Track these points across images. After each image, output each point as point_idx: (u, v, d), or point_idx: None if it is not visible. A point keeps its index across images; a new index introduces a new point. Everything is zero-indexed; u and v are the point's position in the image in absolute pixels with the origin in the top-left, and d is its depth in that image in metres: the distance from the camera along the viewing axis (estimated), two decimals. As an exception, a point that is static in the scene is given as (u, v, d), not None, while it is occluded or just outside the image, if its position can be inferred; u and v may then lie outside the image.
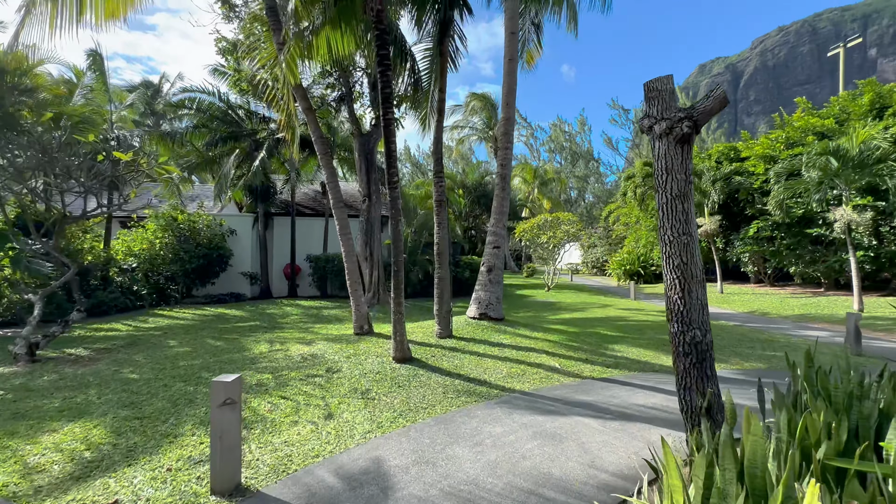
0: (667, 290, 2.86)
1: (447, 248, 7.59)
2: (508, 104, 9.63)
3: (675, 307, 2.79)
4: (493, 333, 7.88)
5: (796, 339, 8.16)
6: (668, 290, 2.83)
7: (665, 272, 2.86)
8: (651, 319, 10.93)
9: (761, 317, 11.82)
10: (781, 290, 16.97)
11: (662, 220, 2.81)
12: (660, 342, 7.76)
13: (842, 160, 10.65)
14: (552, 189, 47.57)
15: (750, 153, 16.23)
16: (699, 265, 2.78)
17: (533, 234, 19.19)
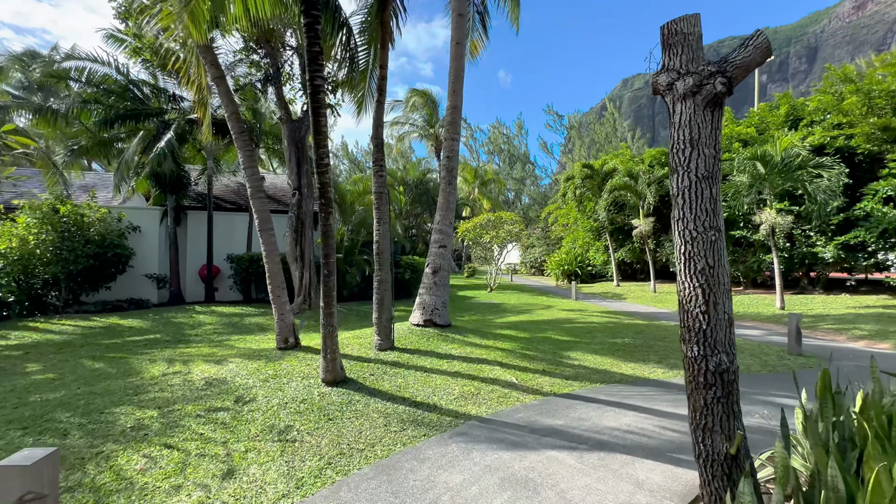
0: (683, 303, 2.20)
1: (388, 247, 6.65)
2: (455, 91, 8.88)
3: (695, 325, 2.12)
4: (440, 343, 7.06)
5: (738, 340, 8.22)
6: (687, 303, 2.16)
7: (681, 279, 2.20)
8: (597, 321, 10.75)
9: (695, 316, 12.16)
10: (706, 288, 17.94)
11: (681, 211, 2.14)
12: (613, 347, 7.40)
13: (767, 166, 11.18)
14: (492, 190, 47.96)
15: (680, 158, 16.96)
16: (727, 269, 2.14)
17: (476, 233, 18.71)
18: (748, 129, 14.48)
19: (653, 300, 15.72)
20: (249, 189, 6.56)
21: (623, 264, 23.91)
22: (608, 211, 18.53)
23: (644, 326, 9.80)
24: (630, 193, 17.53)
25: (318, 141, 4.28)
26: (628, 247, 21.54)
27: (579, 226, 25.25)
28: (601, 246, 23.93)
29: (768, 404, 4.61)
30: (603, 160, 20.75)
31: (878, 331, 8.56)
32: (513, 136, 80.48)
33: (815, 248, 13.28)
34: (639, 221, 17.25)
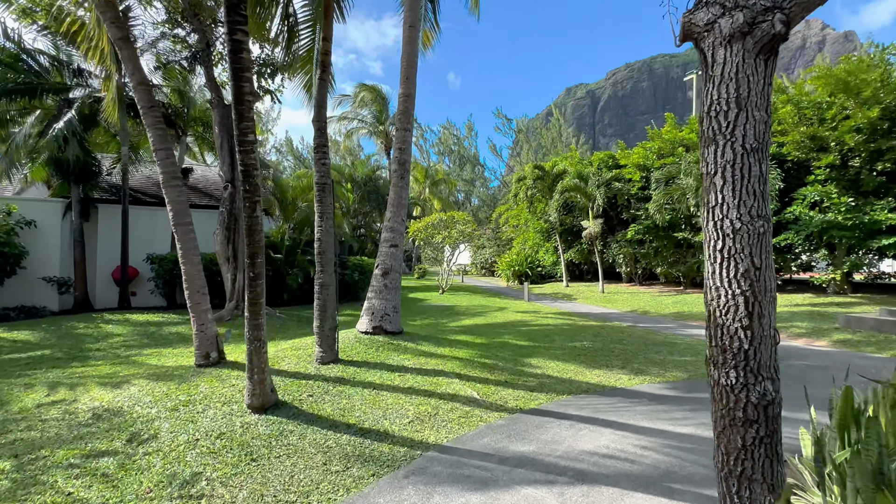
0: (716, 315, 1.71)
1: (332, 246, 5.84)
2: (408, 79, 8.20)
3: (733, 344, 1.64)
4: (391, 353, 6.34)
5: (691, 340, 8.23)
6: (721, 315, 1.67)
7: (714, 284, 1.70)
8: (552, 323, 10.50)
9: (644, 316, 12.33)
10: (650, 288, 18.56)
11: (719, 195, 1.64)
12: (574, 351, 7.07)
13: (711, 169, 11.52)
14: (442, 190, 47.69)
15: (627, 161, 17.41)
16: (773, 271, 1.67)
17: (427, 233, 18.09)
18: (691, 135, 15.08)
19: (602, 300, 15.91)
20: (162, 176, 5.48)
21: (571, 265, 24.32)
22: (558, 212, 18.66)
23: (599, 328, 9.66)
24: (580, 195, 17.73)
25: (239, 112, 3.43)
26: (577, 248, 21.89)
27: (530, 227, 25.40)
28: (551, 247, 24.20)
29: (741, 413, 4.37)
30: (553, 162, 20.93)
31: (814, 329, 8.96)
32: (463, 137, 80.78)
33: (750, 249, 14.00)
34: (588, 223, 17.47)
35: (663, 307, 13.40)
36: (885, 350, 7.19)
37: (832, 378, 4.26)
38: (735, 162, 1.60)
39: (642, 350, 7.22)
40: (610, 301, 15.63)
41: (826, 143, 11.53)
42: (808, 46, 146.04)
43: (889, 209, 10.78)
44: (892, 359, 6.71)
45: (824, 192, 11.57)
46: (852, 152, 11.18)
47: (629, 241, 18.46)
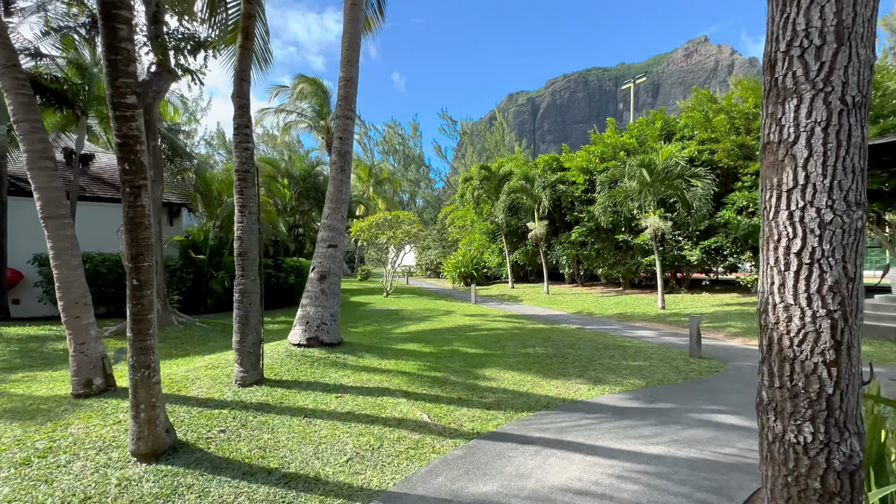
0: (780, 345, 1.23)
1: (256, 246, 4.95)
2: (350, 61, 7.42)
3: (810, 385, 1.16)
4: (327, 369, 5.54)
5: (639, 343, 8.18)
6: (792, 345, 1.20)
7: (783, 300, 1.23)
8: (502, 327, 10.13)
9: (590, 317, 12.39)
10: (591, 289, 19.00)
11: (802, 172, 1.16)
12: (527, 359, 6.67)
13: (652, 173, 11.82)
14: (387, 189, 46.61)
15: (571, 164, 17.68)
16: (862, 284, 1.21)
17: (371, 233, 17.19)
18: (630, 140, 15.55)
19: (547, 302, 15.95)
20: (27, 155, 4.29)
21: (516, 266, 24.47)
22: (505, 213, 18.56)
23: (549, 332, 9.43)
24: (526, 196, 17.73)
25: (113, 64, 2.51)
26: (522, 249, 22.00)
27: (476, 228, 25.26)
28: (496, 248, 24.18)
29: (708, 424, 4.12)
30: (499, 163, 20.87)
31: (747, 328, 9.33)
32: (408, 137, 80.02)
33: (684, 251, 14.65)
34: (534, 224, 17.51)
35: (606, 308, 13.60)
36: (814, 348, 7.52)
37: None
38: (830, 123, 1.13)
39: (595, 355, 6.99)
40: (555, 302, 15.69)
41: (753, 151, 12.25)
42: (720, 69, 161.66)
43: (805, 215, 11.63)
44: (823, 357, 7.02)
45: (751, 197, 12.27)
46: (775, 161, 11.93)
47: (573, 242, 18.79)
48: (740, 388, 5.31)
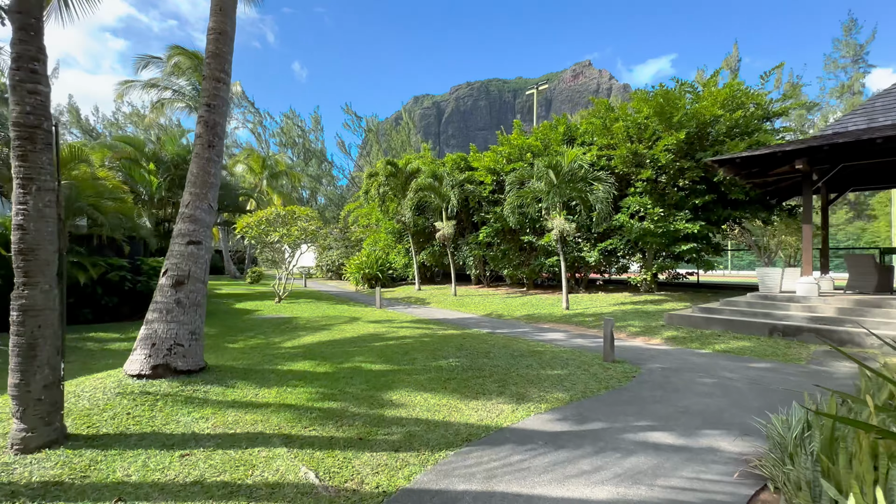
0: None
1: (51, 242, 3.33)
2: (222, 9, 5.93)
3: None
4: (177, 410, 4.06)
5: (553, 348, 7.88)
6: None
7: None
8: (410, 335, 9.22)
9: (499, 319, 12.10)
10: (497, 290, 19.07)
11: None
12: (441, 374, 5.84)
13: (559, 175, 11.91)
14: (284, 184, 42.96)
15: (479, 164, 17.50)
16: None
17: (260, 230, 15.06)
18: (536, 143, 15.80)
19: (456, 304, 15.47)
20: None
21: (423, 267, 23.82)
22: (412, 212, 17.72)
23: (461, 339, 8.76)
24: (434, 195, 17.10)
25: None
26: (429, 249, 21.39)
27: (381, 227, 24.05)
28: (402, 248, 23.26)
29: (646, 447, 3.65)
30: (407, 159, 19.99)
31: (646, 327, 9.69)
32: (309, 130, 75.61)
33: (583, 252, 15.25)
34: (442, 224, 16.95)
35: (514, 309, 13.49)
36: (707, 346, 7.90)
37: (705, 384, 3.74)
38: None
39: (513, 364, 6.42)
40: (463, 304, 15.27)
41: (644, 159, 13.06)
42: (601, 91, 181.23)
43: (686, 220, 12.67)
44: (719, 354, 7.34)
45: (642, 202, 13.05)
46: (663, 169, 12.86)
47: (480, 243, 18.65)
48: (660, 395, 5.08)
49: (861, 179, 11.61)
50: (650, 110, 12.11)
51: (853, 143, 7.51)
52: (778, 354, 7.15)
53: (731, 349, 7.58)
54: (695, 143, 12.71)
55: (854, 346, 7.27)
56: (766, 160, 8.78)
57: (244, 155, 35.40)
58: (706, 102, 11.86)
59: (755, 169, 9.58)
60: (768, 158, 8.68)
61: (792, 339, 7.85)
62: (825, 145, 7.80)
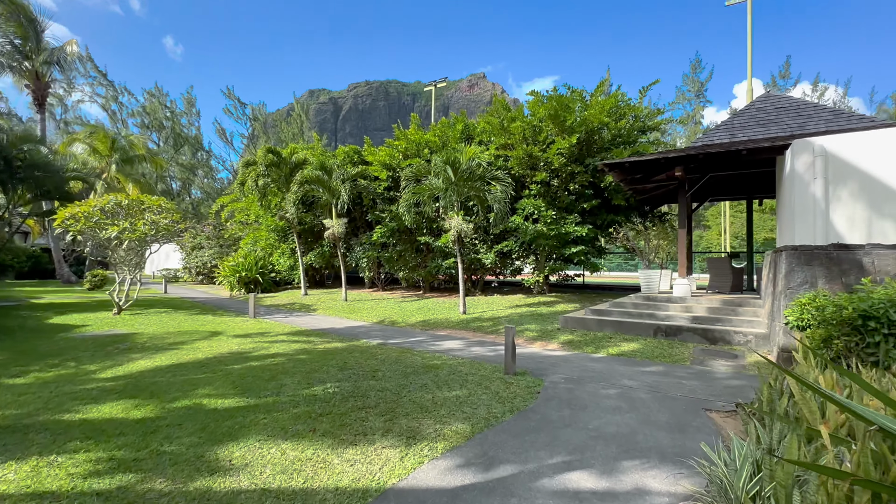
0: None
1: None
2: None
3: None
4: None
5: (451, 361, 7.06)
6: None
7: None
8: (284, 351, 7.66)
9: (392, 327, 11.04)
10: (392, 293, 17.98)
11: None
12: (311, 409, 4.57)
13: (457, 172, 11.29)
14: (145, 172, 36.57)
15: (374, 159, 16.24)
16: None
17: (91, 223, 11.85)
18: (434, 139, 15.11)
19: (346, 310, 14.00)
20: None
21: (312, 269, 21.67)
22: (297, 207, 15.71)
23: (346, 353, 7.49)
24: (323, 189, 15.36)
25: None
26: (318, 250, 19.44)
27: (262, 224, 21.29)
28: (287, 249, 20.85)
29: (566, 497, 2.89)
30: (292, 148, 17.82)
31: (542, 331, 9.46)
32: (180, 112, 66.42)
33: (480, 254, 14.95)
34: (332, 222, 15.30)
35: (409, 314, 12.54)
36: (601, 349, 7.80)
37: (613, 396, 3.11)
38: None
39: (404, 386, 5.40)
40: (354, 311, 13.87)
41: (539, 162, 13.13)
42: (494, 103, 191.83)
43: (576, 223, 13.03)
44: (613, 357, 7.22)
45: (536, 205, 13.10)
46: (556, 172, 13.07)
47: (374, 243, 17.39)
48: (568, 415, 4.49)
49: (717, 191, 13.06)
50: (545, 112, 12.15)
51: (724, 153, 8.05)
52: (665, 355, 7.26)
53: (623, 352, 7.55)
54: (584, 150, 13.14)
55: (725, 343, 7.74)
56: (651, 165, 9.14)
57: (86, 133, 29.04)
58: (594, 110, 12.27)
59: (640, 174, 9.99)
60: (653, 164, 9.03)
61: (674, 338, 8.14)
62: (701, 154, 8.27)
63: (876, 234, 6.24)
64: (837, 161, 6.48)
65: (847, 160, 6.41)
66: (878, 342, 5.09)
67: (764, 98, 10.16)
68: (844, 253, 6.30)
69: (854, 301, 5.38)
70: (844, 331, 5.37)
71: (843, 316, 5.34)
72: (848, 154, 6.41)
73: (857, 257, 6.23)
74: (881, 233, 6.22)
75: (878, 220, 6.24)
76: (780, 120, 9.16)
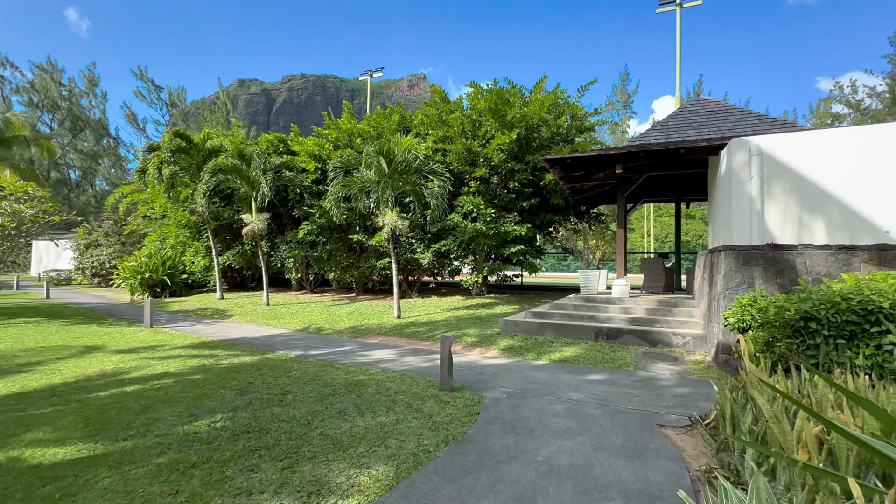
0: None
1: None
2: None
3: None
4: None
5: (380, 374, 6.15)
6: None
7: None
8: (175, 371, 6.28)
9: (317, 335, 9.86)
10: (322, 296, 16.61)
11: None
12: (181, 453, 3.46)
13: (391, 164, 10.38)
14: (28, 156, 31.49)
15: (301, 149, 14.79)
16: None
17: (-75, 212, 9.35)
18: (368, 128, 14.03)
19: (266, 316, 12.50)
20: None
21: (231, 270, 19.54)
22: (212, 201, 13.81)
23: (254, 370, 6.30)
24: (241, 180, 13.66)
25: None
26: (237, 249, 17.49)
27: (171, 219, 18.80)
28: (202, 247, 18.58)
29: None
30: (206, 133, 15.78)
31: (482, 336, 8.82)
32: (80, 92, 58.72)
33: (417, 254, 14.11)
34: (251, 217, 13.66)
35: (338, 320, 11.39)
36: (543, 355, 7.29)
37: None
38: None
39: (318, 414, 4.42)
40: (276, 316, 12.42)
41: (478, 157, 12.57)
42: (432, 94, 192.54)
43: (515, 222, 12.64)
44: (556, 364, 6.72)
45: (476, 202, 12.53)
46: (496, 169, 12.58)
47: (301, 242, 15.92)
48: (513, 443, 3.79)
49: (650, 192, 13.33)
50: (485, 105, 11.60)
51: (663, 151, 7.92)
52: (608, 360, 6.90)
53: (566, 358, 7.09)
54: (524, 147, 12.80)
55: (664, 345, 7.57)
56: (593, 162, 8.86)
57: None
58: (534, 107, 11.95)
59: (580, 171, 9.72)
60: (595, 160, 8.75)
61: (615, 341, 7.86)
62: (641, 151, 8.08)
63: (806, 234, 6.28)
64: (772, 161, 6.47)
65: (781, 160, 6.42)
66: (819, 344, 4.97)
67: (695, 102, 10.36)
68: (779, 253, 6.28)
69: (795, 302, 5.25)
70: (786, 332, 5.22)
71: (786, 317, 5.18)
72: (782, 154, 6.42)
73: (791, 257, 6.23)
74: (811, 233, 6.27)
75: (808, 221, 6.29)
76: (711, 123, 9.31)
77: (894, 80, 28.24)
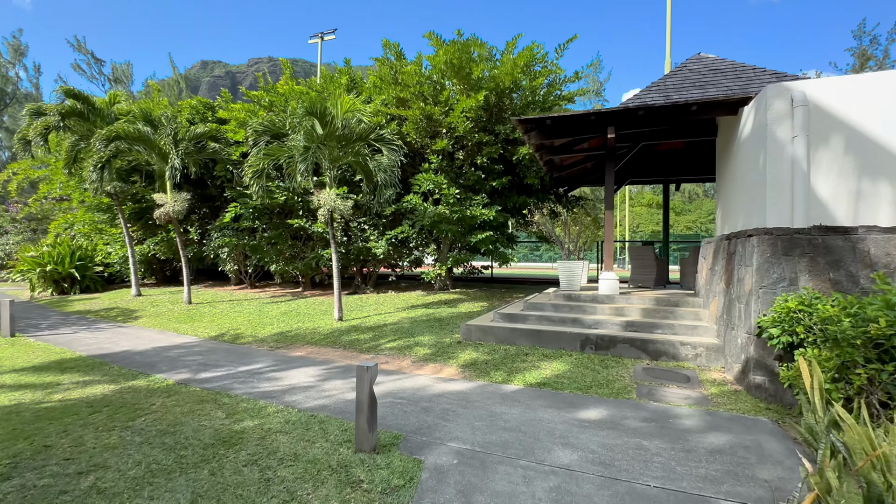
0: None
1: None
2: None
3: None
4: None
5: (277, 419, 4.13)
6: None
7: None
8: (54, 403, 4.06)
9: (231, 344, 7.71)
10: (263, 291, 14.31)
11: None
12: None
13: (327, 127, 8.23)
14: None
15: (230, 116, 12.31)
16: None
17: None
18: (311, 93, 11.72)
19: (181, 318, 10.19)
20: None
21: (158, 262, 16.85)
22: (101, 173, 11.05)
23: (84, 415, 4.15)
24: (149, 151, 11.11)
25: None
26: (161, 236, 14.90)
27: (76, 201, 15.88)
28: (119, 234, 15.82)
29: None
30: (112, 96, 13.00)
31: (437, 347, 6.89)
32: (4, 62, 52.71)
33: (370, 242, 12.04)
34: (164, 196, 11.17)
35: (265, 323, 9.24)
36: (516, 376, 5.44)
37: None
38: None
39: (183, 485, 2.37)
40: (193, 318, 10.13)
41: (440, 127, 10.58)
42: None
43: (482, 204, 10.76)
44: (533, 391, 4.87)
45: (437, 181, 10.58)
46: (461, 141, 10.62)
47: (237, 228, 13.54)
48: None
49: (636, 172, 11.70)
50: (446, 58, 9.54)
51: (669, 108, 6.16)
52: (601, 383, 5.12)
53: (546, 379, 5.26)
54: (494, 116, 10.88)
55: (670, 358, 5.87)
56: (578, 123, 7.02)
57: None
58: (506, 67, 10.02)
59: (562, 140, 7.88)
60: (580, 121, 6.91)
61: (606, 353, 6.11)
62: (641, 109, 6.30)
63: (867, 213, 4.65)
64: (822, 114, 4.78)
65: (835, 112, 4.74)
66: (922, 374, 3.33)
67: (696, 60, 8.67)
68: (832, 238, 4.61)
69: (879, 307, 3.58)
70: (871, 354, 3.54)
71: (871, 332, 3.49)
72: (837, 104, 4.73)
73: (849, 244, 4.57)
74: (873, 212, 4.63)
75: (870, 195, 4.65)
76: (719, 82, 7.62)
77: (858, 73, 28.07)
